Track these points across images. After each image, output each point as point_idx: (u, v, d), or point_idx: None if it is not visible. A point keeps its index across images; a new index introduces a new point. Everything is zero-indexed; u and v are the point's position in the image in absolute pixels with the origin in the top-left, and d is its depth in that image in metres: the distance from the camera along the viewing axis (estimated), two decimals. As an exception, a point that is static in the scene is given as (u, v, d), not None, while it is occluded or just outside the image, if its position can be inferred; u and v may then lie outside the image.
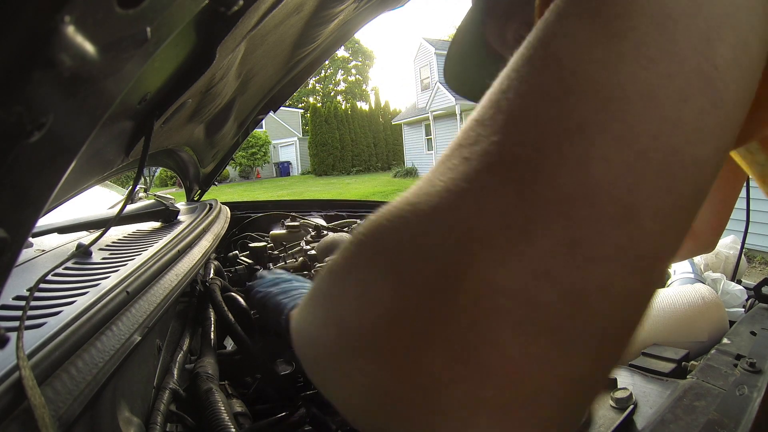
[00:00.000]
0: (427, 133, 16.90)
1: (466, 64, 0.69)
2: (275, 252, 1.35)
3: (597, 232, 0.17)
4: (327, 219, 1.94)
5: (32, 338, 0.35)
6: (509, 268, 0.16)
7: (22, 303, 0.38)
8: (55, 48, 0.15)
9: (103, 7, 0.16)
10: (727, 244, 1.89)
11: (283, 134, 27.35)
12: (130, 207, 1.00)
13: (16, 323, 0.33)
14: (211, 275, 1.00)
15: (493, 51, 0.63)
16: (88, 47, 0.16)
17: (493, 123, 0.19)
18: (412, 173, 18.02)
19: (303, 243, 1.32)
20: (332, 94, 38.00)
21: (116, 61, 0.19)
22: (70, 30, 0.15)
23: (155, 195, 1.12)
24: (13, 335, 0.29)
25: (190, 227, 0.93)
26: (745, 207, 1.14)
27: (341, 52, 36.23)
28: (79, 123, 0.20)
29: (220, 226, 1.13)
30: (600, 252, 0.17)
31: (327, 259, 0.97)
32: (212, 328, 0.76)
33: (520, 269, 0.16)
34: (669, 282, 1.28)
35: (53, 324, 0.38)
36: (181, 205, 1.30)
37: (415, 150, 18.69)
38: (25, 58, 0.14)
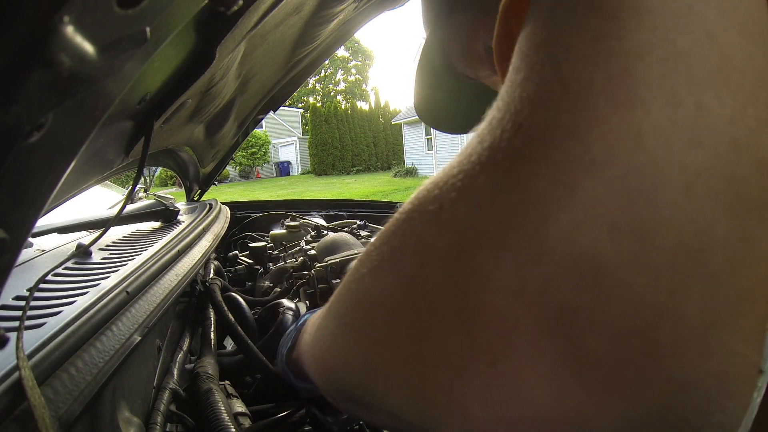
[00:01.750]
0: (427, 133, 16.90)
1: (435, 96, 0.65)
2: (275, 252, 1.35)
3: None
4: (327, 219, 1.94)
5: (32, 338, 0.35)
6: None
7: (22, 303, 0.38)
8: (54, 48, 0.15)
9: (102, 7, 0.16)
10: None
11: (283, 134, 27.36)
12: (130, 207, 1.00)
13: (16, 323, 0.32)
14: (211, 275, 1.00)
15: (460, 73, 0.59)
16: (87, 47, 0.16)
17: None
18: (412, 173, 18.02)
19: (303, 243, 1.32)
20: (332, 93, 38.00)
21: (115, 61, 0.19)
22: (69, 30, 0.15)
23: (155, 195, 1.12)
24: (13, 335, 0.29)
25: (190, 227, 0.93)
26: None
27: (341, 52, 36.22)
28: (79, 123, 0.20)
29: (220, 226, 1.13)
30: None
31: (327, 258, 0.97)
32: (212, 328, 0.76)
33: None
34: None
35: (53, 324, 0.38)
36: (181, 205, 1.30)
37: (415, 150, 18.69)
38: (24, 59, 0.14)
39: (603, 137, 0.15)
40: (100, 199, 1.44)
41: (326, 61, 1.40)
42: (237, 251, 1.42)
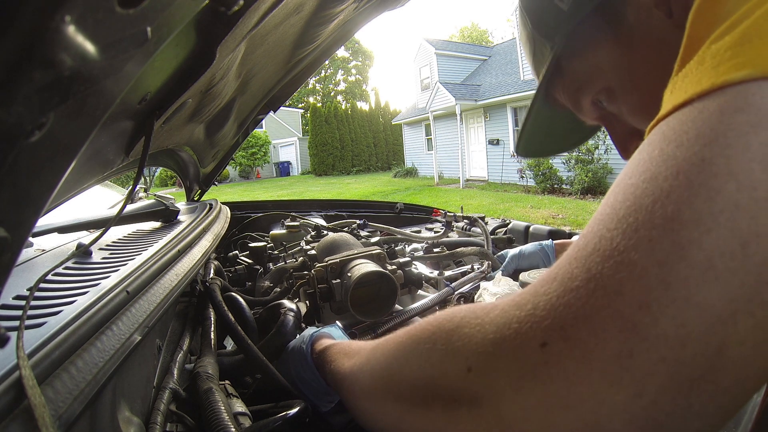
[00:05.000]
0: (427, 133, 16.90)
1: (545, 131, 0.70)
2: (275, 252, 1.35)
3: None
4: (327, 219, 1.94)
5: (32, 338, 0.35)
6: None
7: (22, 303, 0.38)
8: (55, 48, 0.15)
9: (103, 7, 0.16)
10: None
11: (283, 134, 27.36)
12: (130, 207, 0.99)
13: (16, 323, 0.32)
14: (211, 275, 1.00)
15: (561, 105, 0.63)
16: (89, 47, 0.16)
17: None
18: (412, 173, 18.03)
19: (303, 243, 1.32)
20: (332, 94, 37.99)
21: (116, 60, 0.19)
22: (71, 30, 0.15)
23: (155, 195, 1.12)
24: (13, 335, 0.29)
25: (190, 227, 0.93)
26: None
27: (341, 52, 36.23)
28: (80, 123, 0.20)
29: (220, 226, 1.13)
30: None
31: (327, 258, 0.97)
32: (212, 328, 0.76)
33: None
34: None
35: (53, 324, 0.38)
36: (181, 205, 1.30)
37: (415, 150, 18.69)
38: (26, 58, 0.14)
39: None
40: (100, 199, 1.44)
41: (326, 62, 1.40)
42: (237, 251, 1.42)
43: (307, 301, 0.95)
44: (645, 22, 0.49)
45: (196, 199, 1.64)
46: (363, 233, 1.60)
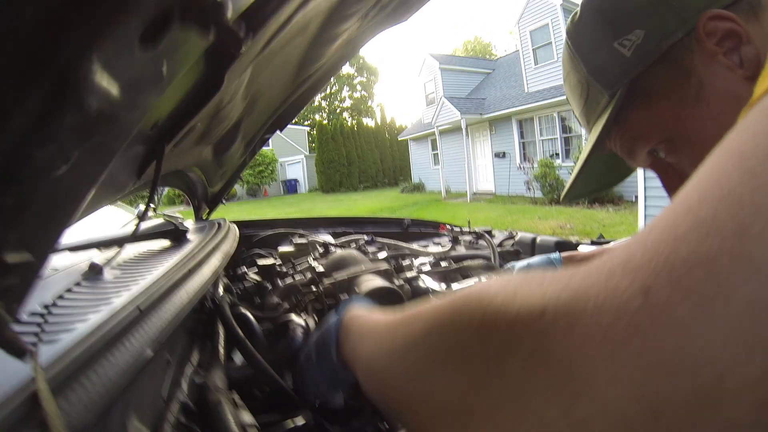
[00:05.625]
0: (434, 147, 16.98)
1: (595, 173, 0.69)
2: (284, 269, 1.36)
3: None
4: (335, 236, 1.95)
5: (48, 352, 0.37)
6: None
7: (39, 320, 0.39)
8: (85, 92, 0.17)
9: (126, 51, 0.18)
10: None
11: (290, 152, 27.58)
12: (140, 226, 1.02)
13: (34, 339, 0.34)
14: (221, 292, 1.01)
15: (606, 148, 0.62)
16: (113, 89, 0.18)
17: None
18: (419, 188, 18.06)
19: (311, 259, 1.34)
20: (338, 110, 38.33)
21: (136, 98, 0.21)
22: (98, 75, 0.17)
23: (164, 214, 1.14)
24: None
25: (199, 246, 0.95)
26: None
27: (346, 69, 36.64)
28: (100, 155, 0.22)
29: (230, 245, 1.15)
30: None
31: (335, 274, 0.99)
32: (221, 343, 0.77)
33: None
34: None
35: (68, 340, 0.40)
36: (189, 223, 1.32)
37: (422, 165, 18.75)
38: (59, 103, 0.16)
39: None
40: (108, 217, 1.46)
41: (332, 79, 1.43)
42: (245, 268, 1.44)
43: (316, 317, 0.96)
44: (715, 74, 0.47)
45: (204, 218, 1.66)
46: (371, 249, 1.61)
